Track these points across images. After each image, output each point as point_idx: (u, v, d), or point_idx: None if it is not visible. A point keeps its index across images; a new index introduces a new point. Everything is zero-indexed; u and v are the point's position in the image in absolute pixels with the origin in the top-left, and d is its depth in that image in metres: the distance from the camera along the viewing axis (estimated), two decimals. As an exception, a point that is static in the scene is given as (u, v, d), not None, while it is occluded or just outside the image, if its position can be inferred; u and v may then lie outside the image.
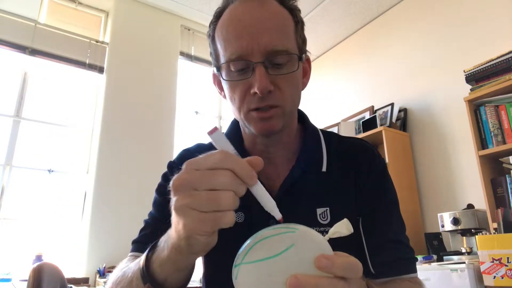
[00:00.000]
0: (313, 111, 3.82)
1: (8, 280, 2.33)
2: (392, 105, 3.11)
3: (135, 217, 2.84)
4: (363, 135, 2.95)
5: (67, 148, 3.11)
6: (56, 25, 3.19)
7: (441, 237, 2.57)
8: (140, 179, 3.06)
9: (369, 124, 3.03)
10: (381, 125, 2.90)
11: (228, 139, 0.44)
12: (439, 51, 2.92)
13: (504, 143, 2.17)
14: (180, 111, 3.58)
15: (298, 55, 0.65)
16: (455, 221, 2.32)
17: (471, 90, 2.37)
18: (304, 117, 0.78)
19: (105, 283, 2.29)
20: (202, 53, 3.86)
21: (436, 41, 2.96)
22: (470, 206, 2.42)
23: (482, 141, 2.27)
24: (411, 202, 2.79)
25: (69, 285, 2.03)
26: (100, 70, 3.24)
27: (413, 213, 2.76)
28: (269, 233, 0.40)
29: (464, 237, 2.37)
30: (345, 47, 3.90)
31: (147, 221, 0.74)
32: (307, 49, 0.71)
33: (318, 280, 0.37)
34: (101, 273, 2.62)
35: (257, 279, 0.38)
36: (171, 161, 0.79)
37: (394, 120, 3.06)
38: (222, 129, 0.44)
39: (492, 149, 2.20)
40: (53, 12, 3.27)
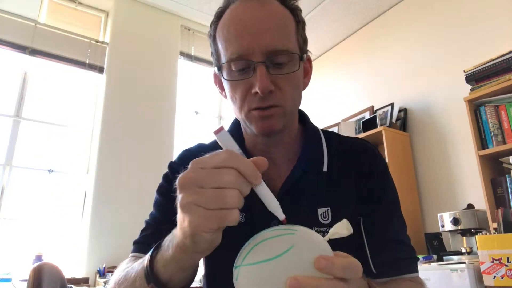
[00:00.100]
0: (313, 111, 3.82)
1: (8, 280, 2.32)
2: (392, 105, 3.11)
3: (135, 217, 2.85)
4: (363, 135, 2.94)
5: (67, 148, 3.10)
6: (56, 25, 3.19)
7: (441, 237, 2.57)
8: (140, 179, 3.06)
9: (369, 124, 3.03)
10: (381, 125, 2.90)
11: None
12: (439, 51, 2.92)
13: (504, 143, 2.17)
14: (180, 111, 3.58)
15: (299, 55, 0.65)
16: (455, 221, 2.32)
17: (471, 90, 2.37)
18: (305, 117, 0.77)
19: (105, 283, 2.29)
20: (202, 53, 3.86)
21: (436, 41, 2.96)
22: (470, 206, 2.43)
23: (482, 141, 2.27)
24: (411, 202, 2.79)
25: (69, 285, 2.03)
26: (100, 70, 3.24)
27: (413, 213, 2.76)
28: (269, 234, 0.41)
29: (464, 237, 2.38)
30: (345, 47, 3.90)
31: (148, 222, 0.73)
32: (308, 49, 0.71)
33: (318, 281, 0.37)
34: (101, 273, 2.62)
35: (258, 280, 0.38)
36: (171, 162, 0.79)
37: (394, 120, 3.06)
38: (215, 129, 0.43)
39: (492, 149, 2.20)
40: (53, 12, 3.27)
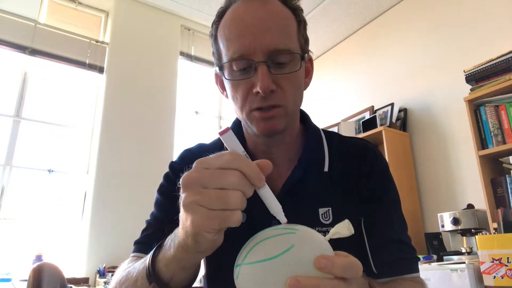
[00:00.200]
0: (313, 111, 3.82)
1: (8, 280, 2.32)
2: (392, 105, 3.11)
3: (135, 217, 2.85)
4: (363, 135, 2.94)
5: (67, 148, 3.10)
6: (56, 25, 3.19)
7: (441, 237, 2.57)
8: (140, 179, 3.06)
9: (369, 124, 3.03)
10: (381, 125, 2.90)
11: None
12: (439, 51, 2.92)
13: (504, 143, 2.17)
14: (180, 111, 3.58)
15: (300, 55, 0.65)
16: (455, 221, 2.32)
17: (471, 90, 2.37)
18: (306, 117, 0.77)
19: (105, 283, 2.29)
20: (202, 53, 3.86)
21: (436, 41, 2.96)
22: (470, 206, 2.43)
23: (482, 141, 2.27)
24: (411, 202, 2.79)
25: (69, 285, 2.03)
26: (100, 70, 3.24)
27: (413, 213, 2.76)
28: (269, 233, 0.41)
29: (464, 237, 2.38)
30: (345, 47, 3.90)
31: (149, 222, 0.73)
32: (309, 49, 0.71)
33: (318, 281, 0.36)
34: (101, 273, 2.62)
35: (258, 279, 0.38)
36: (172, 161, 0.79)
37: (394, 120, 3.06)
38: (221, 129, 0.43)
39: (492, 149, 2.20)
40: (53, 12, 3.27)
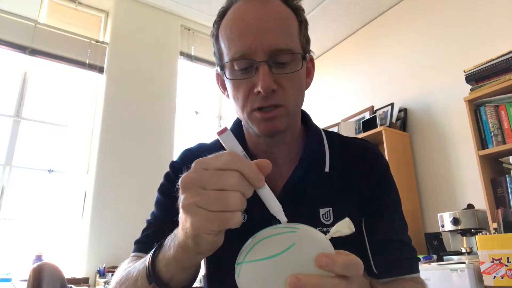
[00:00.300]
0: (313, 111, 3.81)
1: (8, 280, 2.32)
2: (392, 105, 3.11)
3: (135, 217, 2.86)
4: (363, 135, 2.94)
5: (67, 148, 3.10)
6: (56, 25, 3.18)
7: (441, 237, 2.57)
8: (140, 179, 3.06)
9: (369, 124, 3.03)
10: (381, 125, 2.90)
11: None
12: (439, 51, 2.92)
13: (504, 143, 2.17)
14: (180, 111, 3.58)
15: (301, 54, 0.65)
16: (455, 221, 2.32)
17: (471, 90, 2.38)
18: (307, 117, 0.77)
19: (105, 283, 2.29)
20: (202, 53, 3.86)
21: (436, 41, 2.96)
22: (470, 206, 2.43)
23: (482, 141, 2.27)
24: (411, 202, 2.79)
25: (69, 285, 2.03)
26: (100, 70, 3.24)
27: (413, 213, 2.76)
28: (271, 232, 0.41)
29: (464, 237, 2.38)
30: (345, 47, 3.90)
31: (149, 221, 0.73)
32: (310, 49, 0.71)
33: (319, 279, 0.36)
34: (101, 273, 2.62)
35: (259, 277, 0.39)
36: (173, 161, 0.79)
37: (394, 120, 3.06)
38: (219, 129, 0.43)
39: (492, 149, 2.20)
40: (53, 12, 3.27)
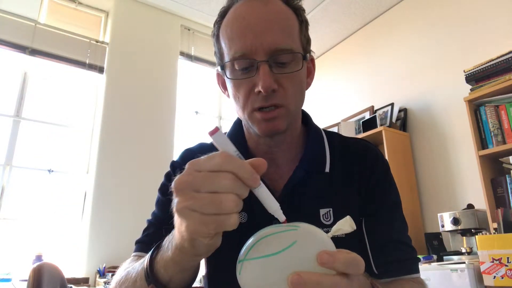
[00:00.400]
0: (313, 111, 3.80)
1: (8, 280, 2.32)
2: (392, 105, 3.11)
3: (135, 217, 2.86)
4: (363, 135, 2.94)
5: (67, 148, 3.10)
6: (56, 25, 3.18)
7: (441, 237, 2.57)
8: (140, 179, 3.06)
9: (369, 124, 3.03)
10: (381, 125, 2.90)
11: (231, 139, 0.43)
12: (439, 51, 2.92)
13: (504, 143, 2.17)
14: (180, 111, 3.58)
15: (302, 54, 0.65)
16: (455, 221, 2.32)
17: (471, 90, 2.38)
18: (307, 118, 0.77)
19: (105, 283, 2.29)
20: (202, 53, 3.86)
21: (436, 41, 2.96)
22: (470, 206, 2.43)
23: (482, 141, 2.27)
24: (411, 202, 2.79)
25: (69, 285, 2.03)
26: (100, 70, 3.24)
27: (413, 213, 2.76)
28: (272, 230, 0.41)
29: (464, 237, 2.38)
30: (345, 47, 3.90)
31: (150, 221, 0.73)
32: (311, 49, 0.71)
33: (320, 277, 0.36)
34: (101, 273, 2.62)
35: (260, 275, 0.39)
36: (173, 161, 0.79)
37: (394, 120, 3.06)
38: (222, 129, 0.43)
39: (492, 149, 2.20)
40: (53, 12, 3.27)
